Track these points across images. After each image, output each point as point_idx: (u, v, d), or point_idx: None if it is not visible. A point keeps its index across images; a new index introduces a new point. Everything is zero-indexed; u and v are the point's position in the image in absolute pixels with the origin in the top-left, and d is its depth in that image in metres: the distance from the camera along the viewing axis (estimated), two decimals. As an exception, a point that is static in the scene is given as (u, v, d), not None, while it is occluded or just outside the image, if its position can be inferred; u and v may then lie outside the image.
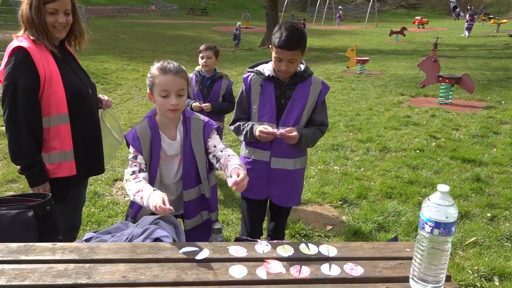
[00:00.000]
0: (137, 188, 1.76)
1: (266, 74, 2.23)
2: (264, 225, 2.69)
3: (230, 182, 1.69)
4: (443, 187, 1.25)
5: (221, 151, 1.93)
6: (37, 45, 2.00)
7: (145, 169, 1.89)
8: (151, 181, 1.91)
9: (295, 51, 2.09)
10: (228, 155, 1.89)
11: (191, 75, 3.82)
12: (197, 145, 1.93)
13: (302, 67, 2.28)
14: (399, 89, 9.37)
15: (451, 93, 7.99)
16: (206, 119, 1.99)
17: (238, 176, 1.68)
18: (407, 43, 21.03)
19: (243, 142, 2.40)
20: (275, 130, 2.13)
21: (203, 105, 3.72)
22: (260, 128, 2.15)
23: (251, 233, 2.41)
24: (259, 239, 1.70)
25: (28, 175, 2.06)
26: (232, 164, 1.81)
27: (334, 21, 36.82)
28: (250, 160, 2.34)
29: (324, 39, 23.77)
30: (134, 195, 1.76)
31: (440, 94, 8.03)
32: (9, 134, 2.00)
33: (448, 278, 1.35)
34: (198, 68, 3.88)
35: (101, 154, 2.34)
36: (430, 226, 1.24)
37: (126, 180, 1.85)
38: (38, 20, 1.98)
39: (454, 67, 12.41)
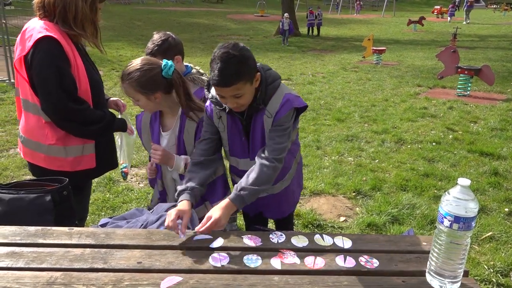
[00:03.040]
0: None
1: (226, 109, 1.79)
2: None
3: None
4: (464, 181, 1.21)
5: None
6: (63, 35, 1.91)
7: None
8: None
9: (235, 85, 1.60)
10: None
11: None
12: (189, 140, 1.95)
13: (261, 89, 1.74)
14: (416, 80, 9.20)
15: (470, 84, 7.81)
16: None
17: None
18: (425, 33, 20.60)
19: None
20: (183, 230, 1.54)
21: None
22: (169, 221, 1.52)
23: None
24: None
25: (113, 128, 2.13)
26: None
27: (351, 10, 36.25)
28: None
29: (340, 28, 23.43)
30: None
31: (458, 86, 7.86)
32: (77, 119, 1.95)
33: (465, 274, 1.33)
34: None
35: (113, 146, 2.27)
36: (449, 221, 1.22)
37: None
38: (93, 16, 1.97)
39: (473, 58, 12.14)
